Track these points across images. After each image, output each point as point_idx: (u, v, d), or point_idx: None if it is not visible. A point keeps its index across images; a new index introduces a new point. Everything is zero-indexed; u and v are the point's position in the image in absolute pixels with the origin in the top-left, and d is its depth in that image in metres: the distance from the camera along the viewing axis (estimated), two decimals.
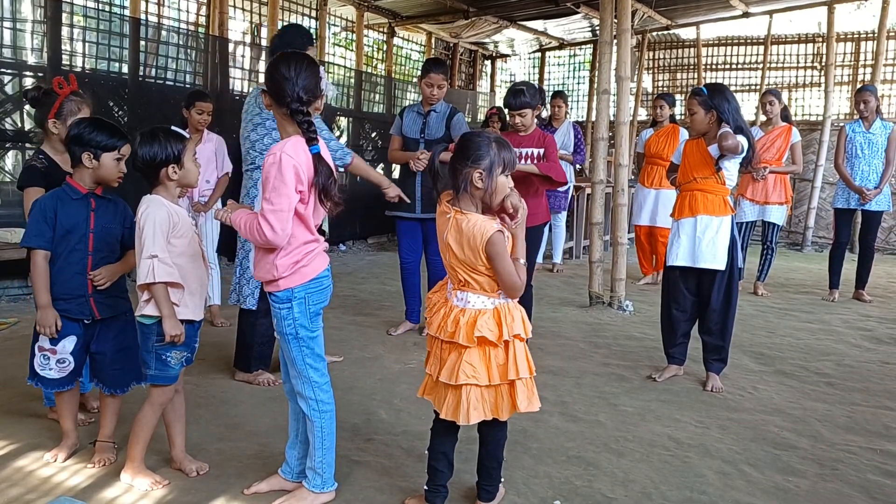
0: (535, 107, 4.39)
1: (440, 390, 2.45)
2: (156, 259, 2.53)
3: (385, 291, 6.39)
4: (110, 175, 2.76)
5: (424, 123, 4.80)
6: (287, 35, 3.84)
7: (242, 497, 2.61)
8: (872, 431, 3.40)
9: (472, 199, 2.38)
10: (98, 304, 2.80)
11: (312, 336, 2.48)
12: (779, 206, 6.39)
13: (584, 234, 8.56)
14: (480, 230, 2.31)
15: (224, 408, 3.50)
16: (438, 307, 2.48)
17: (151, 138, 2.59)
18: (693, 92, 3.94)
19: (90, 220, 2.76)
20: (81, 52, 6.38)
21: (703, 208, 3.89)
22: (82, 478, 2.73)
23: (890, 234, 9.61)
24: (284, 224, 2.31)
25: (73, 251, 2.74)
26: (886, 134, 6.17)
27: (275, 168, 2.30)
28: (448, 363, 2.40)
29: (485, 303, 2.39)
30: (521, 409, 2.39)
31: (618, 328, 5.30)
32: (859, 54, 10.23)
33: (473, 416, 2.37)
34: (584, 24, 10.71)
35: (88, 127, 2.73)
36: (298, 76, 2.39)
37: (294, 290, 2.42)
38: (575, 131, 7.37)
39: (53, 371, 2.78)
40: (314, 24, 9.24)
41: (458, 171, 2.37)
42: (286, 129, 2.44)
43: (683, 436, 3.29)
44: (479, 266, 2.34)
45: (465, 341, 2.35)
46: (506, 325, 2.36)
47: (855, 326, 5.47)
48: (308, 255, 2.44)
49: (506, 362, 2.38)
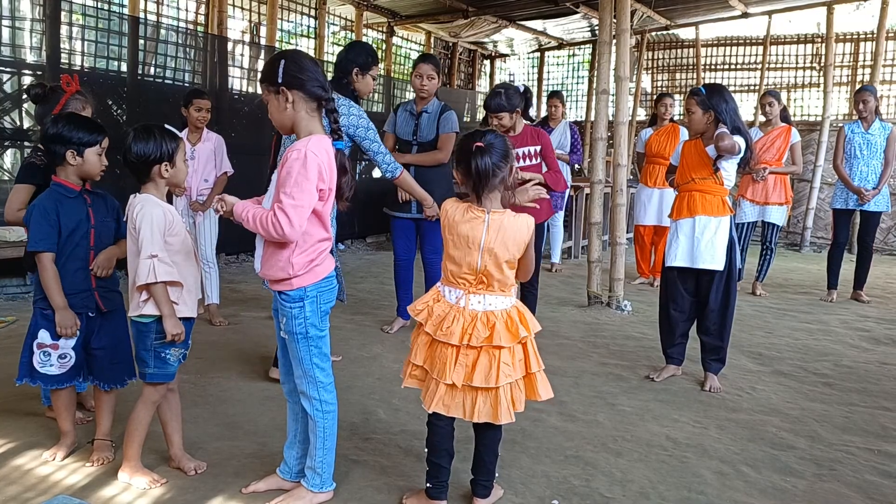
0: (513, 110, 4.29)
1: (463, 395, 2.43)
2: (156, 259, 2.53)
3: (384, 290, 6.38)
4: (94, 170, 2.77)
5: (416, 125, 4.79)
6: (362, 53, 4.04)
7: (240, 496, 2.61)
8: (870, 432, 3.41)
9: (500, 197, 2.44)
10: (102, 298, 2.83)
11: (321, 335, 2.47)
12: (779, 207, 6.39)
13: (582, 233, 8.56)
14: (524, 222, 2.44)
15: (222, 407, 3.50)
16: (451, 316, 2.44)
17: (147, 135, 2.59)
18: (691, 92, 3.95)
19: (90, 216, 2.78)
20: (80, 50, 6.37)
21: (701, 209, 3.89)
22: (80, 476, 2.73)
23: (888, 235, 9.62)
24: (302, 220, 2.30)
25: (76, 247, 2.76)
26: (885, 135, 6.18)
27: (299, 163, 2.27)
28: (481, 367, 2.40)
29: (504, 302, 2.48)
30: (543, 397, 2.52)
31: (616, 328, 5.30)
32: (858, 55, 10.23)
33: (512, 413, 2.44)
34: (583, 24, 10.71)
35: (67, 125, 2.73)
36: (319, 71, 2.39)
37: (307, 288, 2.41)
38: (572, 131, 7.36)
39: (55, 367, 2.78)
40: (313, 23, 9.24)
41: (498, 171, 2.38)
42: (309, 127, 2.40)
43: (681, 436, 3.29)
44: (515, 261, 2.44)
45: (509, 342, 2.41)
46: (528, 321, 2.49)
47: (853, 327, 5.48)
48: (322, 254, 2.44)
49: (525, 356, 2.48)
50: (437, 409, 2.44)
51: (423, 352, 2.50)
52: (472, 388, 2.41)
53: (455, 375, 2.41)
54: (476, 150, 2.38)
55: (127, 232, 2.62)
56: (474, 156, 2.37)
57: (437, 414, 2.47)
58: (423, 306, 2.52)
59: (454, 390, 2.43)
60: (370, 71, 4.06)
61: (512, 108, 4.29)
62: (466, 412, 2.43)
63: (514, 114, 4.33)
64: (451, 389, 2.43)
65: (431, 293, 2.55)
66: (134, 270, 2.57)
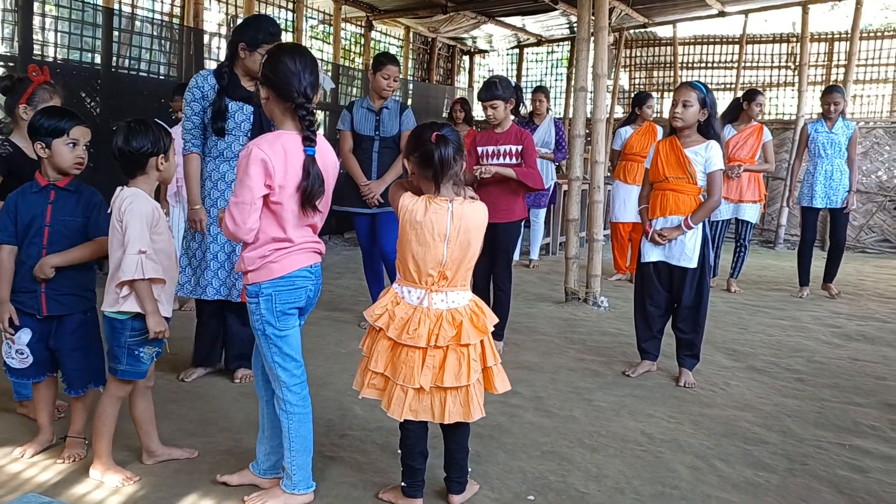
0: (507, 100, 4.35)
1: (431, 397, 2.39)
2: (144, 255, 2.49)
3: (361, 287, 6.35)
4: (64, 162, 2.68)
5: (378, 121, 4.77)
6: (251, 27, 3.63)
7: (215, 493, 2.59)
8: (842, 427, 3.46)
9: (454, 186, 2.43)
10: (48, 301, 2.71)
11: (280, 335, 2.42)
12: (752, 205, 6.48)
13: (560, 230, 8.59)
14: (480, 207, 2.47)
15: (197, 403, 3.47)
16: (417, 318, 2.39)
17: (146, 128, 2.56)
18: (690, 84, 3.90)
19: (47, 213, 2.69)
20: (53, 41, 6.28)
21: (675, 208, 3.91)
22: (52, 474, 2.69)
23: (861, 233, 9.77)
24: (245, 217, 2.28)
25: (30, 244, 2.70)
26: (848, 134, 6.26)
27: (245, 161, 2.29)
28: (450, 367, 2.37)
29: (464, 297, 2.46)
30: (500, 390, 2.53)
31: (592, 324, 5.33)
32: (832, 54, 10.36)
33: (482, 408, 2.45)
34: (562, 20, 10.74)
35: (38, 115, 2.69)
36: (304, 71, 2.34)
37: (262, 285, 2.39)
38: (557, 128, 7.34)
39: (15, 361, 2.75)
40: (291, 17, 9.17)
41: (454, 164, 2.38)
42: (283, 126, 2.38)
43: (656, 431, 3.32)
44: (478, 249, 2.45)
45: (477, 338, 2.41)
46: (487, 314, 2.48)
47: (825, 323, 5.55)
48: (278, 252, 2.38)
49: (482, 350, 2.47)
50: (406, 416, 2.39)
51: (385, 358, 2.43)
52: (441, 388, 2.38)
53: (423, 379, 2.37)
54: (438, 140, 2.35)
55: (111, 225, 2.56)
56: (437, 145, 2.35)
57: (416, 423, 2.45)
58: (383, 310, 2.44)
59: (421, 394, 2.39)
60: (258, 48, 3.52)
61: (507, 98, 4.35)
62: (436, 414, 2.40)
63: (507, 104, 4.37)
64: (418, 393, 2.39)
65: (388, 296, 2.48)
66: (114, 265, 2.53)
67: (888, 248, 9.65)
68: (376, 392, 2.48)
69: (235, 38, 3.63)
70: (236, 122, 3.60)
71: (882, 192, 9.68)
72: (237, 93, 3.61)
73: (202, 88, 3.60)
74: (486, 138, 4.45)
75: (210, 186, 3.64)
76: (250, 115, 3.62)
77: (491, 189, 4.26)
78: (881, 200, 9.67)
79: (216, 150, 3.63)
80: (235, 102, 3.60)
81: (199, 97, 3.60)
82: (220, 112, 3.56)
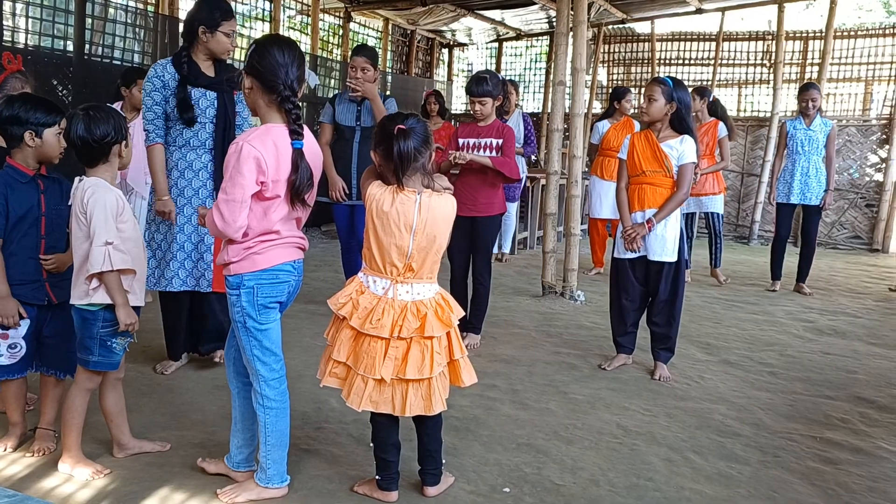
0: (496, 96, 4.36)
1: (392, 389, 2.38)
2: (111, 246, 2.45)
3: (339, 279, 6.32)
4: (53, 151, 2.69)
5: (359, 111, 4.76)
6: (204, 7, 3.53)
7: (186, 486, 2.56)
8: (813, 420, 3.50)
9: (420, 180, 2.40)
10: (54, 289, 2.74)
11: (261, 329, 2.40)
12: (714, 196, 6.61)
13: (538, 224, 8.61)
14: (449, 201, 2.45)
15: (169, 396, 3.43)
16: (381, 308, 2.37)
17: (106, 115, 2.53)
18: (656, 79, 3.95)
19: (41, 203, 2.69)
20: (24, 27, 6.14)
21: (651, 202, 3.93)
22: (20, 467, 2.65)
23: (832, 229, 9.90)
24: (235, 215, 2.24)
25: (25, 235, 2.66)
26: (826, 131, 6.34)
27: (234, 157, 2.23)
28: (413, 359, 2.36)
29: (430, 290, 2.44)
30: (467, 383, 2.51)
31: (569, 318, 5.35)
32: (807, 53, 10.46)
33: (444, 402, 2.43)
34: (541, 14, 10.74)
35: (24, 105, 2.64)
36: (292, 64, 2.31)
37: (244, 276, 2.35)
38: (525, 122, 7.29)
39: (4, 357, 2.69)
40: (269, 7, 9.07)
41: (419, 156, 2.36)
42: (267, 117, 2.35)
43: (631, 423, 3.34)
44: (445, 242, 2.43)
45: (441, 331, 2.39)
46: (454, 308, 2.46)
47: (798, 318, 5.62)
48: (263, 244, 2.36)
49: (448, 343, 2.46)
50: (364, 407, 2.36)
51: (347, 347, 2.41)
52: (403, 381, 2.37)
53: (384, 370, 2.35)
54: (398, 133, 2.32)
55: (74, 217, 2.52)
56: (396, 139, 2.32)
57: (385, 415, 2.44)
58: (347, 299, 2.42)
59: (382, 385, 2.37)
60: (220, 27, 3.50)
61: (495, 95, 4.36)
62: (396, 407, 2.38)
63: (495, 101, 4.39)
64: (379, 385, 2.37)
65: (353, 285, 2.46)
66: (81, 257, 2.49)
67: (859, 244, 9.79)
68: (338, 381, 2.46)
69: (192, 22, 3.54)
70: (201, 108, 3.56)
71: (854, 189, 9.82)
72: (199, 80, 3.56)
73: (162, 77, 3.53)
74: (469, 131, 4.44)
75: (177, 176, 3.58)
76: (214, 101, 3.58)
77: (470, 182, 4.25)
78: (853, 198, 9.80)
79: (181, 139, 3.57)
80: (198, 90, 3.55)
81: (160, 86, 3.52)
82: (184, 103, 3.50)
